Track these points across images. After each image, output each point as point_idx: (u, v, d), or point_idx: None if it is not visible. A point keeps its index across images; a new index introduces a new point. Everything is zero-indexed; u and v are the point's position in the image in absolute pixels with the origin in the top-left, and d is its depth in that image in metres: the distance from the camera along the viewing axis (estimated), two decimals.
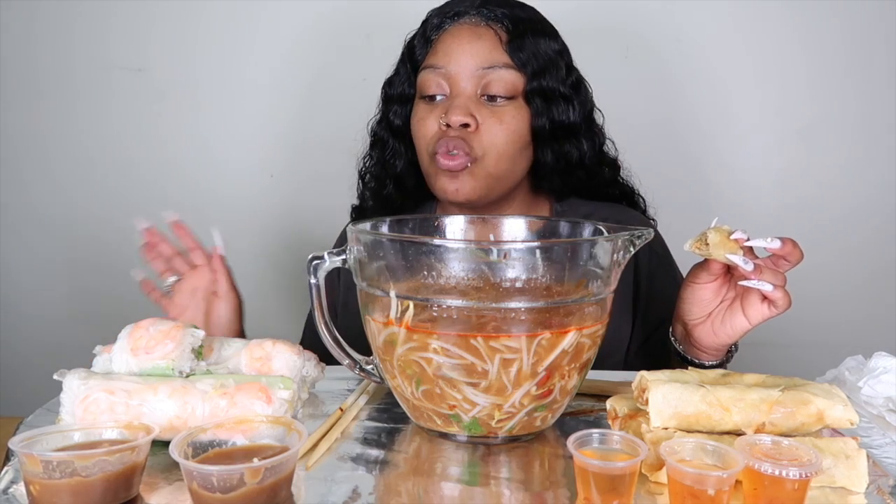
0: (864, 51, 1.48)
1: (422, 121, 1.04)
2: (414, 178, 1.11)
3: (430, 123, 1.03)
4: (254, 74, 1.56)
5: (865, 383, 0.85)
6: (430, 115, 1.03)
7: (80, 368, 0.67)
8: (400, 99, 1.09)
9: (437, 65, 1.02)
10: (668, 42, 1.51)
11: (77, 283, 1.60)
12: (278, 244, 1.60)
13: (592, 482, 0.54)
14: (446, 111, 1.01)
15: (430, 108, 1.03)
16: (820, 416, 0.61)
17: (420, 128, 1.04)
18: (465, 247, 0.66)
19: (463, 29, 1.03)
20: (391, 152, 1.12)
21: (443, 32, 1.05)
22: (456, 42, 1.02)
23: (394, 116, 1.10)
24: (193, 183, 1.58)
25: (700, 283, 0.82)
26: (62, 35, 1.54)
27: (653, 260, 1.08)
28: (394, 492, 0.59)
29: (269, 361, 0.73)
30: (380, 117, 1.14)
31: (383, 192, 1.13)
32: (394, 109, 1.10)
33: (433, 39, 1.06)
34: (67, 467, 0.53)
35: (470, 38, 1.02)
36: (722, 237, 0.76)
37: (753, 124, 1.53)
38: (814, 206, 1.54)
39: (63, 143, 1.57)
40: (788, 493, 0.53)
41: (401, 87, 1.10)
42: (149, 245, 1.02)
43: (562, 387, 0.65)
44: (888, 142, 1.51)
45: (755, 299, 0.79)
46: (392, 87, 1.11)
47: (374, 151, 1.15)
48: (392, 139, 1.12)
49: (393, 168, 1.12)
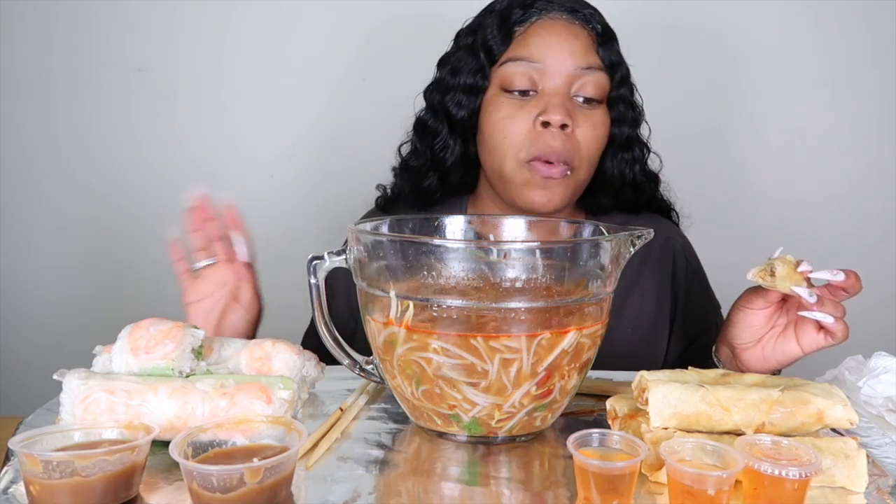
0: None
1: (509, 118, 0.96)
2: (461, 173, 1.06)
3: (520, 122, 0.96)
4: (254, 75, 1.55)
5: (865, 383, 0.85)
6: (521, 111, 0.96)
7: (80, 368, 0.67)
8: (468, 89, 1.00)
9: (531, 58, 0.96)
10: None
11: (77, 284, 1.60)
12: (277, 244, 1.60)
13: (592, 482, 0.54)
14: (543, 109, 0.94)
15: (520, 104, 0.96)
16: (820, 416, 0.61)
17: (506, 125, 0.96)
18: (465, 247, 0.66)
19: (557, 24, 0.97)
20: (441, 143, 1.04)
21: (531, 25, 0.98)
22: (553, 37, 0.96)
23: (456, 107, 1.01)
24: (193, 183, 1.58)
25: (754, 308, 0.79)
26: (62, 35, 1.54)
27: (689, 272, 1.07)
28: (394, 492, 0.59)
29: (269, 361, 0.73)
30: (434, 105, 1.05)
31: (423, 185, 1.07)
32: (457, 99, 1.01)
33: (516, 31, 0.98)
34: (67, 467, 0.53)
35: (567, 36, 0.96)
36: (789, 269, 0.73)
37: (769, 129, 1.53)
38: (814, 208, 1.54)
39: (63, 144, 1.57)
40: (788, 493, 0.53)
41: (470, 76, 1.00)
42: (196, 215, 0.93)
43: (562, 387, 0.65)
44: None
45: (810, 328, 0.77)
46: (457, 75, 1.01)
47: (419, 141, 1.07)
48: (447, 130, 1.04)
49: (442, 162, 1.05)
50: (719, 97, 1.54)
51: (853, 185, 1.54)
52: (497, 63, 0.99)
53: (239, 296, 0.92)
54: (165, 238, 0.93)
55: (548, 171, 0.95)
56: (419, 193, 1.08)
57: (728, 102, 1.54)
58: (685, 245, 1.09)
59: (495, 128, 0.97)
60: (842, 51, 1.51)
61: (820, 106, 1.53)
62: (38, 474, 0.53)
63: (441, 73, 1.05)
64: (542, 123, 0.95)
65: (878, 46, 1.49)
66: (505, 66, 0.97)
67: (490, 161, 1.00)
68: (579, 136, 0.96)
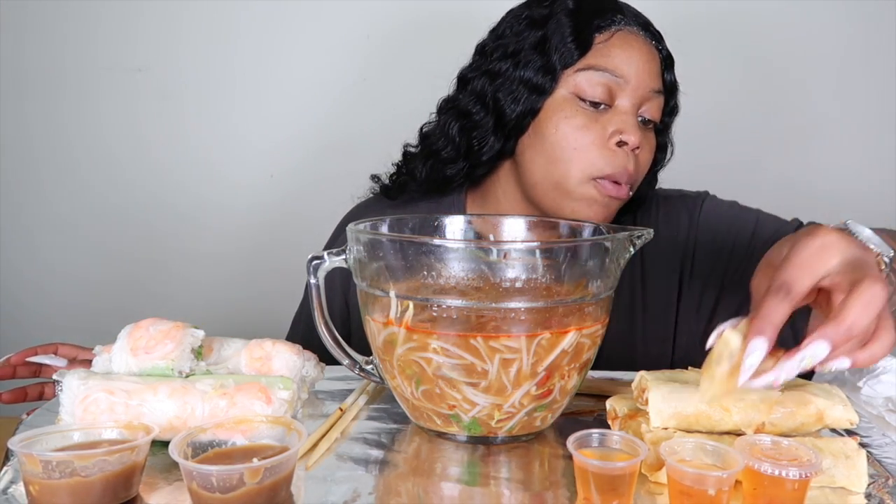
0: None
1: (583, 129, 0.92)
2: (489, 168, 1.02)
3: (594, 135, 0.92)
4: (254, 75, 1.56)
5: (865, 383, 0.85)
6: (595, 124, 0.92)
7: (80, 368, 0.67)
8: (533, 88, 0.94)
9: (615, 72, 0.92)
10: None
11: (77, 284, 1.60)
12: (278, 244, 1.60)
13: (592, 482, 0.54)
14: (621, 128, 0.92)
15: (594, 116, 0.93)
16: (820, 416, 0.61)
17: (579, 136, 0.92)
18: (465, 247, 0.66)
19: (639, 40, 0.95)
20: (482, 135, 0.98)
21: (612, 35, 0.94)
22: (637, 53, 0.93)
23: (513, 102, 0.95)
24: (193, 183, 1.58)
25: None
26: (67, 35, 1.54)
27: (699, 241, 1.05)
28: (393, 492, 0.59)
29: (269, 361, 0.73)
30: (480, 92, 0.98)
31: (448, 173, 1.01)
32: (517, 95, 0.95)
33: (596, 38, 0.93)
34: (67, 467, 0.53)
35: (647, 56, 0.94)
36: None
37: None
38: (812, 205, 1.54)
39: (67, 143, 1.57)
40: (788, 494, 0.53)
41: (538, 75, 0.94)
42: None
43: (562, 387, 0.65)
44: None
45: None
46: (521, 68, 0.95)
47: (455, 126, 1.00)
48: (493, 123, 0.97)
49: (476, 154, 0.98)
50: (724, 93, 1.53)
51: (862, 183, 1.54)
52: (571, 67, 0.94)
53: None
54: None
55: (616, 192, 0.93)
56: (439, 180, 1.03)
57: (736, 98, 1.54)
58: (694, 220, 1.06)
59: (565, 136, 0.93)
60: (853, 46, 1.51)
61: (828, 103, 1.53)
62: (38, 474, 0.53)
63: (494, 61, 0.98)
64: (617, 142, 0.92)
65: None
66: (583, 74, 0.93)
67: (547, 168, 0.94)
68: (641, 158, 0.95)
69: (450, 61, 1.05)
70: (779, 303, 0.55)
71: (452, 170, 1.01)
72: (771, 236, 0.97)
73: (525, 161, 0.98)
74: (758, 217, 1.03)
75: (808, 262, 0.57)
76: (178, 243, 1.59)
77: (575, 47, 0.93)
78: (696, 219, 1.04)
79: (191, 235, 1.60)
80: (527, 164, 0.97)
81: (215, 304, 1.60)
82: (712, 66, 1.53)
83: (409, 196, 1.08)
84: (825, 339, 0.53)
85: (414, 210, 1.05)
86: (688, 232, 1.04)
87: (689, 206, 1.06)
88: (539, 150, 0.95)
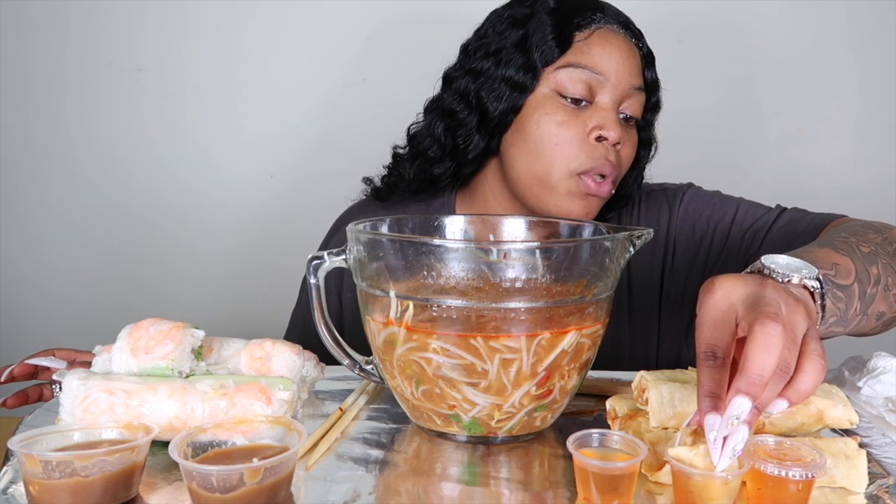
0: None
1: (564, 125, 0.93)
2: (476, 166, 1.03)
3: (574, 131, 0.93)
4: (255, 75, 1.56)
5: (865, 383, 0.85)
6: (575, 120, 0.93)
7: (80, 368, 0.67)
8: (515, 86, 0.95)
9: (595, 69, 0.93)
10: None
11: (77, 281, 1.60)
12: (278, 243, 1.60)
13: (592, 482, 0.54)
14: (601, 124, 0.93)
15: (574, 112, 0.94)
16: (820, 416, 0.61)
17: (560, 133, 0.93)
18: (465, 247, 0.66)
19: (619, 38, 0.96)
20: (466, 133, 0.99)
21: (592, 33, 0.95)
22: (617, 51, 0.94)
23: (495, 101, 0.96)
24: (193, 183, 1.58)
25: None
26: (68, 35, 1.54)
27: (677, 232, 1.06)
28: (393, 492, 0.59)
29: (269, 361, 0.73)
30: (463, 91, 0.99)
31: (435, 172, 1.02)
32: (499, 93, 0.96)
33: (576, 36, 0.94)
34: (67, 467, 0.53)
35: (627, 53, 0.95)
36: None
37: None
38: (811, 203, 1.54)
39: (68, 142, 1.57)
40: (792, 494, 0.53)
41: (519, 73, 0.95)
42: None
43: (562, 387, 0.65)
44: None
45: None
46: (503, 66, 0.96)
47: (440, 125, 1.01)
48: (476, 121, 0.98)
49: (462, 153, 1.00)
50: (720, 92, 1.54)
51: (859, 182, 1.54)
52: (552, 65, 0.95)
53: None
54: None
55: (597, 187, 0.94)
56: (427, 179, 1.04)
57: (729, 97, 1.54)
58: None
59: (547, 133, 0.94)
60: (849, 46, 1.51)
61: (825, 102, 1.53)
62: (38, 474, 0.53)
63: (477, 60, 0.99)
64: (597, 137, 0.93)
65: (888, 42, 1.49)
66: (564, 71, 0.94)
67: (530, 164, 0.96)
68: (622, 154, 0.96)
69: (450, 62, 1.05)
70: (713, 371, 0.54)
71: (439, 169, 1.03)
72: (751, 225, 0.99)
73: (509, 158, 0.99)
74: (738, 205, 1.03)
75: (720, 319, 0.56)
76: (179, 242, 1.60)
77: (555, 45, 0.94)
78: (676, 211, 1.05)
79: (191, 234, 1.60)
80: (511, 161, 0.99)
81: (216, 302, 1.60)
82: (711, 66, 1.53)
83: (399, 197, 1.09)
84: (740, 395, 0.51)
85: (404, 212, 1.05)
86: (668, 224, 1.05)
87: (669, 198, 1.07)
88: (522, 147, 0.96)
